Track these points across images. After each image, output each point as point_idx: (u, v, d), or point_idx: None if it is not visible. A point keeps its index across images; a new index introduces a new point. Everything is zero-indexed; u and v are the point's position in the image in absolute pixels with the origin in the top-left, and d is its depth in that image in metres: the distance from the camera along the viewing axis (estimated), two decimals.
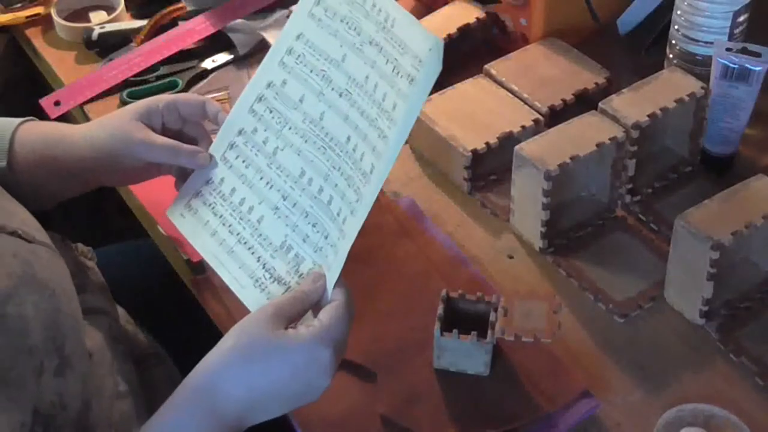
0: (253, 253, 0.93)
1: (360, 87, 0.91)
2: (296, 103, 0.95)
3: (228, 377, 0.80)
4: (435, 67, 0.85)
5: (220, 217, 0.96)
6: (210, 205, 0.97)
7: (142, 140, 0.96)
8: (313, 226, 0.90)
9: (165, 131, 0.99)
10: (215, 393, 0.80)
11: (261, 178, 0.95)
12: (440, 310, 0.92)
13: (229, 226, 0.95)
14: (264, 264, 0.92)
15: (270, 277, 0.91)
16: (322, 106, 0.94)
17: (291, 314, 0.83)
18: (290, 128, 0.95)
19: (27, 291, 0.77)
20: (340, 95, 0.92)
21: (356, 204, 0.87)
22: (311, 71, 0.95)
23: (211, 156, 0.98)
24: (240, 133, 0.98)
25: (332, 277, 0.86)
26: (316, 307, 0.85)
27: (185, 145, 0.97)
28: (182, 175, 1.00)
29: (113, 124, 0.98)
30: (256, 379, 0.80)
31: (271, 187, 0.95)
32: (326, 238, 0.89)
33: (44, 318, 0.78)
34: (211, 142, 1.00)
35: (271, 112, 0.97)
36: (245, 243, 0.94)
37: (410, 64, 0.87)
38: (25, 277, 0.78)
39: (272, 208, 0.94)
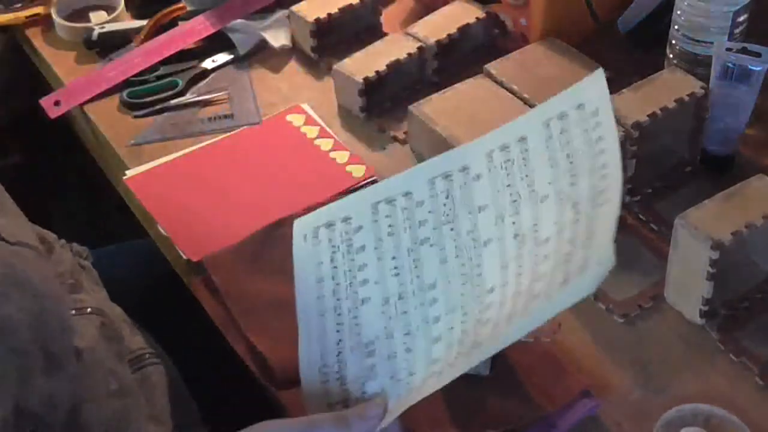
0: (338, 332, 0.81)
1: (536, 244, 0.79)
2: (474, 209, 0.82)
3: None
4: (590, 288, 0.73)
5: (335, 267, 0.82)
6: (334, 245, 0.82)
7: None
8: (407, 351, 0.80)
9: None
10: None
11: (393, 258, 0.81)
12: None
13: (337, 284, 0.82)
14: (339, 352, 0.81)
15: (336, 371, 0.80)
16: (493, 233, 0.81)
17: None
18: (452, 231, 0.82)
19: (11, 292, 0.78)
20: (515, 237, 0.80)
21: (449, 367, 0.78)
22: (508, 186, 0.81)
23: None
24: (406, 195, 0.83)
25: (390, 418, 0.77)
26: None
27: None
28: None
29: None
30: None
31: (396, 275, 0.81)
32: (410, 375, 0.79)
33: (29, 319, 0.78)
34: None
35: (447, 197, 0.82)
36: (339, 315, 0.81)
37: (578, 264, 0.75)
38: (8, 278, 0.78)
39: (383, 298, 0.81)
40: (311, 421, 0.76)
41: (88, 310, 0.96)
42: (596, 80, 0.82)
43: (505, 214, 0.81)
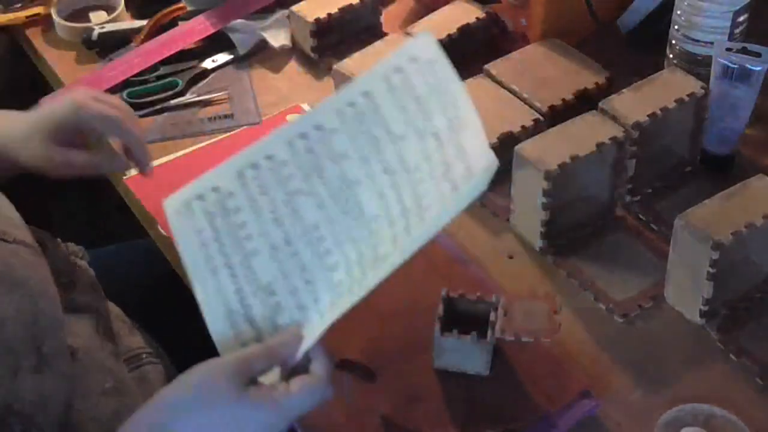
0: (234, 282, 0.88)
1: (407, 173, 0.87)
2: (337, 157, 0.90)
3: (183, 421, 0.77)
4: (481, 187, 0.83)
5: (216, 231, 0.90)
6: (210, 214, 0.91)
7: (75, 102, 0.98)
8: (306, 283, 0.87)
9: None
10: (166, 429, 0.78)
11: (271, 212, 0.90)
12: (440, 310, 0.92)
13: (221, 244, 0.90)
14: (242, 298, 0.88)
15: (243, 315, 0.87)
16: (362, 172, 0.89)
17: (256, 370, 0.79)
18: (321, 179, 0.90)
19: (4, 290, 0.78)
20: (385, 171, 0.88)
21: (357, 284, 0.84)
22: (365, 133, 0.90)
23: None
24: (268, 158, 0.92)
25: (308, 342, 0.82)
26: (286, 366, 0.81)
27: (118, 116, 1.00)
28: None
29: (46, 105, 1.02)
30: (206, 428, 0.78)
31: (278, 226, 0.89)
32: (316, 302, 0.86)
33: (22, 317, 0.79)
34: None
35: (308, 153, 0.91)
36: (231, 269, 0.89)
37: (461, 173, 0.85)
38: (3, 277, 0.79)
39: (271, 245, 0.89)
40: (244, 358, 0.79)
41: (83, 309, 0.96)
42: (423, 37, 0.92)
43: (369, 156, 0.89)
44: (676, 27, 1.17)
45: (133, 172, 1.17)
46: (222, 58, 1.34)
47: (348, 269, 0.86)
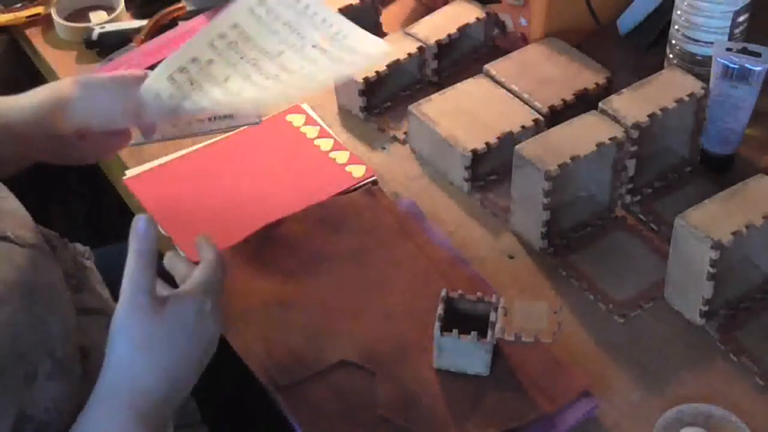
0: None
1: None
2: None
3: (139, 370, 0.79)
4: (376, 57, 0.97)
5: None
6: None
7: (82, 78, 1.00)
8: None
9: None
10: (133, 392, 0.79)
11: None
12: (440, 310, 0.92)
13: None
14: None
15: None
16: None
17: (153, 285, 0.82)
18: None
19: (18, 296, 0.77)
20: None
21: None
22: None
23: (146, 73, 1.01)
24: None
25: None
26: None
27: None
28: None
29: (47, 85, 1.02)
30: (165, 356, 0.80)
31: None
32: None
33: (36, 323, 0.78)
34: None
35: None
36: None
37: (350, 59, 0.98)
38: (17, 282, 0.78)
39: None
40: (145, 289, 0.81)
41: (92, 310, 0.95)
42: None
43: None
44: (676, 27, 1.17)
45: (133, 172, 1.17)
46: None
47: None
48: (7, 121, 0.98)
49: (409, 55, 1.23)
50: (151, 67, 1.30)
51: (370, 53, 0.94)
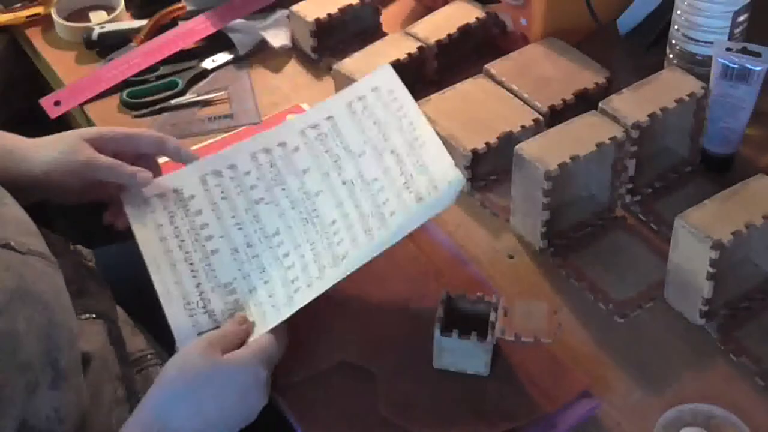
0: (194, 277, 0.95)
1: (365, 184, 0.96)
2: (299, 172, 1.00)
3: (179, 410, 0.81)
4: (447, 200, 0.91)
5: (176, 228, 0.98)
6: (170, 212, 0.99)
7: (87, 158, 0.98)
8: (265, 283, 0.93)
9: (116, 158, 1.01)
10: (167, 427, 0.81)
11: (233, 217, 0.98)
12: (440, 310, 0.92)
13: (182, 241, 0.97)
14: (201, 293, 0.94)
15: (203, 307, 0.93)
16: (322, 185, 0.98)
17: (222, 347, 0.85)
18: (283, 189, 0.99)
19: (19, 305, 0.77)
20: (343, 183, 0.97)
21: (315, 280, 0.91)
22: (326, 152, 1.00)
23: (152, 176, 1.00)
24: (230, 167, 1.01)
25: (258, 331, 0.89)
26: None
27: (127, 166, 1.00)
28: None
29: (63, 142, 1.00)
30: (207, 404, 0.82)
31: (239, 229, 0.97)
32: (270, 297, 0.92)
33: (38, 332, 0.78)
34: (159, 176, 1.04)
35: (271, 166, 1.01)
36: (191, 264, 0.96)
37: (425, 186, 0.93)
38: (18, 291, 0.78)
39: (232, 248, 0.96)
40: (210, 340, 0.85)
41: (95, 315, 0.95)
42: (384, 70, 1.05)
43: (329, 171, 0.99)
44: (676, 27, 1.17)
45: None
46: (222, 58, 1.34)
47: (304, 268, 0.93)
48: (30, 168, 0.99)
49: (409, 55, 1.23)
50: (151, 68, 1.31)
51: (437, 179, 0.93)
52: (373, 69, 1.20)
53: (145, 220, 0.99)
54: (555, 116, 1.13)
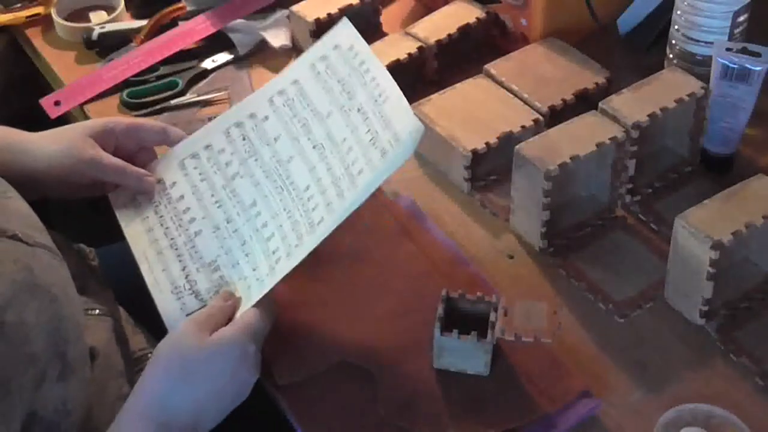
0: (180, 261, 0.96)
1: (335, 145, 0.96)
2: (270, 141, 1.01)
3: (174, 394, 0.82)
4: (408, 150, 0.90)
5: (161, 217, 1.00)
6: (154, 203, 1.01)
7: (91, 158, 0.98)
8: (246, 255, 0.94)
9: (117, 152, 1.01)
10: (165, 413, 0.81)
11: (212, 195, 1.00)
12: (440, 310, 0.92)
13: (166, 228, 0.99)
14: (187, 275, 0.95)
15: (189, 289, 0.94)
16: (293, 151, 0.98)
17: (210, 327, 0.85)
18: (256, 160, 1.00)
19: (28, 297, 0.77)
20: (314, 147, 0.97)
21: (294, 248, 0.91)
22: (294, 116, 1.00)
23: (158, 180, 1.02)
24: (206, 147, 1.03)
25: (246, 305, 0.90)
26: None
27: (133, 168, 1.00)
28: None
29: (67, 137, 0.99)
30: (201, 387, 0.82)
31: (218, 207, 0.99)
32: (254, 270, 0.93)
33: (46, 324, 0.78)
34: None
35: (244, 139, 1.02)
36: (176, 249, 0.97)
37: (387, 140, 0.92)
38: (26, 282, 0.77)
39: (213, 226, 0.98)
40: (197, 322, 0.86)
41: (97, 311, 0.95)
42: (342, 25, 1.04)
43: (299, 136, 0.99)
44: (676, 27, 1.17)
45: None
46: (222, 58, 1.34)
47: (284, 237, 0.93)
48: (31, 163, 0.99)
49: (409, 55, 1.23)
50: (152, 68, 1.31)
51: (399, 131, 0.92)
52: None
53: (131, 214, 1.01)
54: (555, 116, 1.13)
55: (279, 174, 0.98)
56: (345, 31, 1.03)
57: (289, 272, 0.90)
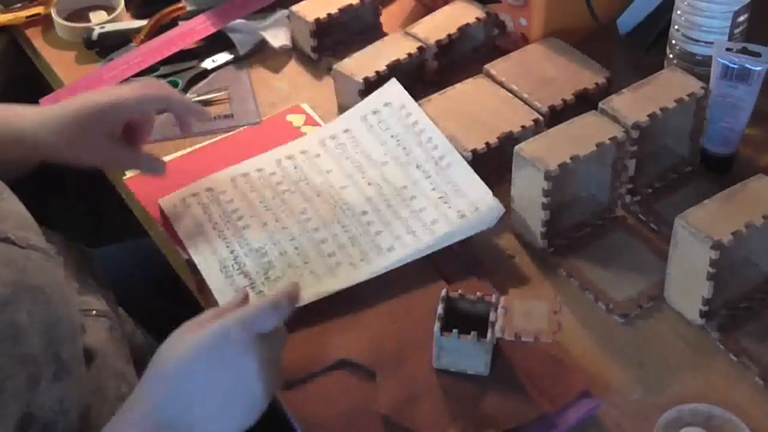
0: (228, 247, 1.02)
1: (394, 188, 1.04)
2: (323, 172, 1.08)
3: (170, 397, 0.78)
4: (487, 224, 1.00)
5: (209, 215, 1.06)
6: (203, 204, 1.07)
7: (103, 152, 1.03)
8: (295, 248, 1.01)
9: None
10: (161, 416, 0.78)
11: (261, 202, 1.07)
12: (440, 310, 0.92)
13: (215, 223, 1.05)
14: (236, 257, 1.01)
15: (237, 269, 0.99)
16: (346, 182, 1.06)
17: (258, 327, 0.79)
18: (308, 184, 1.07)
19: (21, 298, 0.77)
20: (369, 184, 1.05)
21: (360, 262, 0.99)
22: (347, 158, 1.08)
23: (164, 163, 1.08)
24: (258, 170, 1.10)
25: (305, 295, 0.89)
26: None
27: (144, 153, 1.06)
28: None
29: (71, 118, 1.02)
30: (196, 384, 0.78)
31: (267, 210, 1.05)
32: (306, 263, 0.99)
33: (40, 325, 0.78)
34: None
35: (295, 168, 1.10)
36: (225, 239, 1.03)
37: (464, 205, 1.02)
38: (19, 284, 0.77)
39: (262, 222, 1.04)
40: (247, 315, 0.79)
41: (95, 312, 0.95)
42: (392, 85, 1.12)
43: (353, 173, 1.06)
44: (676, 27, 1.17)
45: (133, 172, 1.17)
46: (222, 58, 1.34)
47: (340, 246, 1.00)
48: (22, 133, 0.99)
49: (409, 55, 1.23)
50: (152, 68, 1.31)
51: (477, 202, 0.96)
52: (374, 69, 1.21)
53: (181, 215, 1.07)
54: (555, 116, 1.13)
55: (331, 194, 1.05)
56: (395, 90, 1.08)
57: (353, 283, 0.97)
